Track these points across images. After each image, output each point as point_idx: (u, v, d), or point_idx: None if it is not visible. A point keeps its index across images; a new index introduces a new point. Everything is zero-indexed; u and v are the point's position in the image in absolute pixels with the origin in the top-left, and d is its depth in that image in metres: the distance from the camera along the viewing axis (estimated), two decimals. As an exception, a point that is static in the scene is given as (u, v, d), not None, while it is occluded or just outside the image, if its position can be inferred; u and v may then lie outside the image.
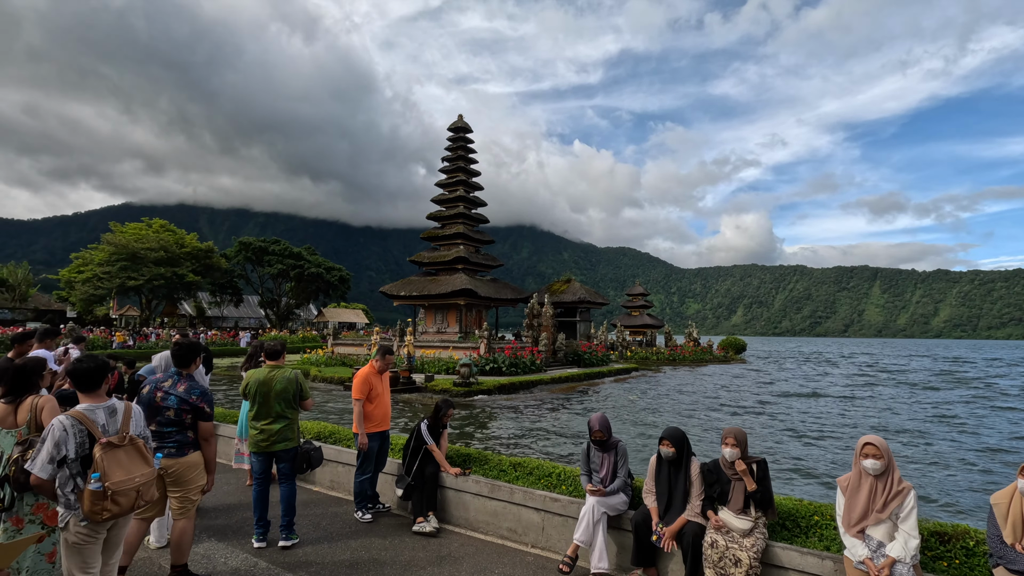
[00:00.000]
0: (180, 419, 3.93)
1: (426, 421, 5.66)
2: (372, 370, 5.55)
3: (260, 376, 4.96)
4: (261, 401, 4.89)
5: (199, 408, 3.99)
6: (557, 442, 12.16)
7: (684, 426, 13.44)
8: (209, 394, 4.17)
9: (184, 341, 4.35)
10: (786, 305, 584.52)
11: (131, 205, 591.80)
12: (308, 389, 5.15)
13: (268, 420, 4.88)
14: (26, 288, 68.37)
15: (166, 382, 4.05)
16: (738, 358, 47.40)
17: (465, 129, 33.06)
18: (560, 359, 28.19)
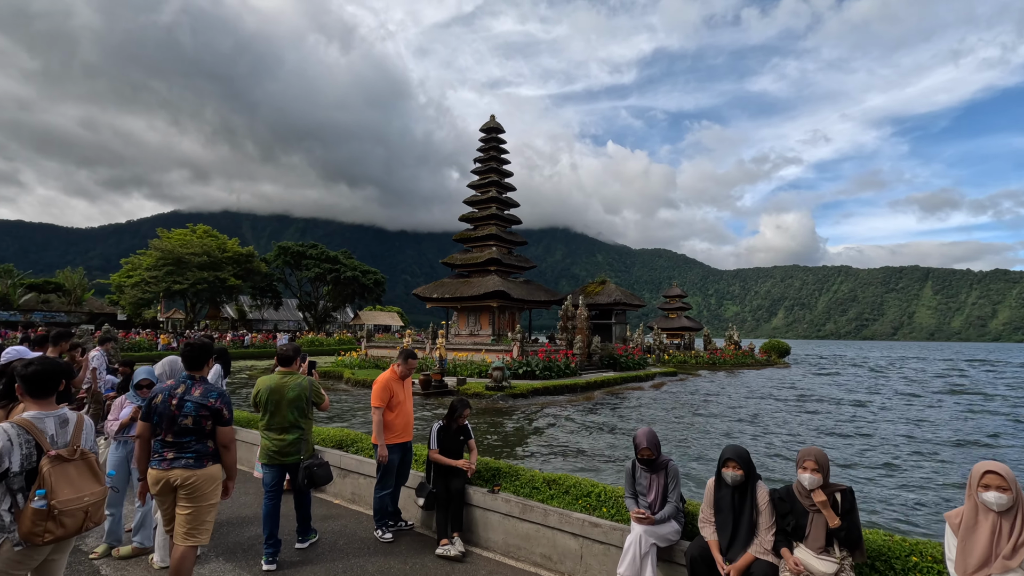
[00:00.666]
0: (199, 426, 3.61)
1: (439, 423, 5.18)
2: (393, 375, 5.09)
3: (271, 383, 4.65)
4: (273, 410, 4.61)
5: (218, 412, 3.67)
6: (594, 452, 11.47)
7: (738, 440, 12.59)
8: (227, 396, 3.86)
9: (195, 341, 3.96)
10: (830, 307, 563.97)
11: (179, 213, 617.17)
12: (322, 393, 4.92)
13: (281, 430, 4.60)
14: (81, 292, 71.62)
15: (179, 388, 3.71)
16: (781, 362, 45.48)
17: (497, 129, 32.70)
18: (595, 362, 27.42)
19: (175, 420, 3.59)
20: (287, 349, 4.97)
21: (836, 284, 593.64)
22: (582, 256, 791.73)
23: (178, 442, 3.60)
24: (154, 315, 66.63)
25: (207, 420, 3.64)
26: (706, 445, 12.53)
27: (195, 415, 3.60)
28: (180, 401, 3.62)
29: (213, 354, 4.02)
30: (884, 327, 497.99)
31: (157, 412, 3.62)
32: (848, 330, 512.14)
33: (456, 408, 5.17)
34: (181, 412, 3.60)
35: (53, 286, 71.38)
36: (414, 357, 5.16)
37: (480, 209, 31.88)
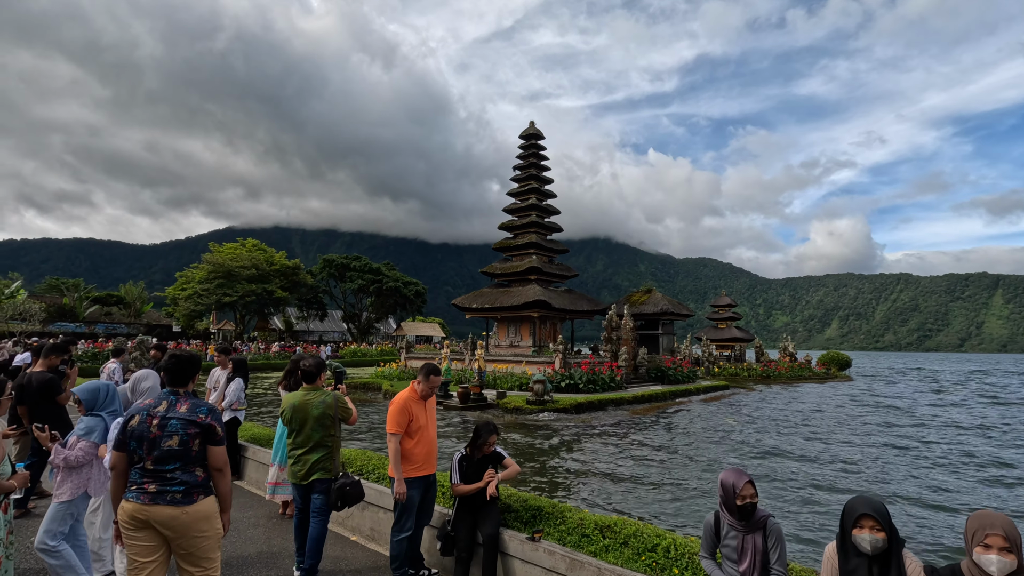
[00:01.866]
0: (186, 448, 3.06)
1: (461, 451, 4.40)
2: (412, 395, 4.32)
3: (295, 401, 4.46)
4: (297, 428, 4.41)
5: (210, 429, 3.13)
6: (650, 481, 10.20)
7: (832, 479, 10.97)
8: (219, 413, 3.36)
9: (181, 353, 3.40)
10: (889, 317, 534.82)
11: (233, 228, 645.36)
12: (349, 407, 4.63)
13: (305, 449, 4.38)
14: (140, 305, 75.09)
15: (160, 406, 3.15)
16: (842, 375, 42.60)
17: (537, 136, 32.04)
18: (642, 375, 26.10)
19: (156, 443, 3.02)
20: (310, 365, 4.60)
21: (895, 292, 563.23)
22: (624, 266, 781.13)
23: (160, 471, 3.02)
24: (206, 326, 68.93)
25: (195, 440, 3.08)
26: (794, 484, 10.26)
27: (181, 434, 3.05)
28: (163, 420, 3.07)
29: (199, 369, 3.49)
30: (950, 338, 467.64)
31: (134, 436, 3.05)
32: (909, 341, 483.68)
33: (480, 433, 4.34)
34: (164, 432, 3.04)
35: (115, 299, 75.13)
36: (437, 373, 4.37)
37: (520, 217, 31.18)
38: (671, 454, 12.54)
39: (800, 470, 11.27)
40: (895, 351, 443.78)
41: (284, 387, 5.98)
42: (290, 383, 5.95)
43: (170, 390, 3.24)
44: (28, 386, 5.50)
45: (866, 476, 10.93)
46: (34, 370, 5.70)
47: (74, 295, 69.25)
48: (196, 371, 3.38)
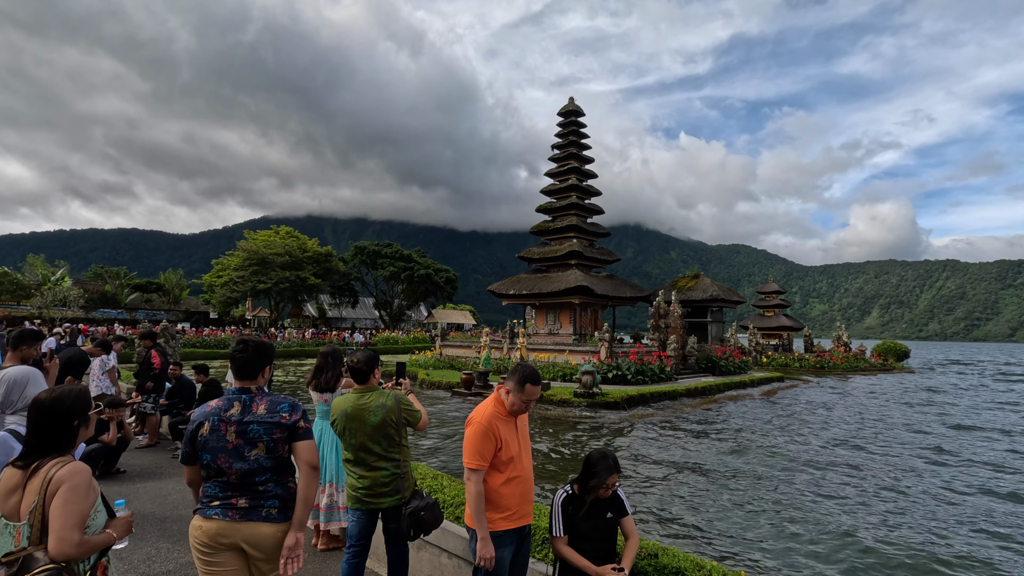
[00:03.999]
0: (275, 456, 2.60)
1: (565, 489, 3.02)
2: (499, 411, 3.00)
3: (347, 407, 3.42)
4: (354, 441, 3.40)
5: (295, 427, 2.63)
6: (766, 504, 8.39)
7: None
8: (300, 405, 2.76)
9: (249, 340, 2.77)
10: (933, 305, 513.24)
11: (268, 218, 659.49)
12: (415, 408, 3.59)
13: (365, 466, 3.39)
14: (179, 292, 76.59)
15: (231, 408, 2.62)
16: (900, 366, 39.93)
17: (576, 112, 30.36)
18: (691, 366, 24.47)
19: (239, 453, 2.54)
20: (359, 361, 3.51)
21: (940, 280, 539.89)
22: (655, 253, 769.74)
23: (247, 484, 2.55)
24: (242, 313, 69.76)
25: (283, 444, 2.60)
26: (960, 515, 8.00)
27: (267, 440, 2.56)
28: (240, 425, 2.57)
29: (271, 359, 2.86)
30: (1000, 327, 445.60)
31: (208, 448, 2.56)
32: (956, 330, 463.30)
33: (596, 470, 2.90)
34: (246, 439, 2.55)
35: (155, 286, 76.80)
36: (535, 381, 2.99)
37: (559, 199, 29.67)
38: (769, 458, 11.06)
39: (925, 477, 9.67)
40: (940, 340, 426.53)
41: (314, 386, 4.78)
42: (320, 382, 4.76)
43: (240, 387, 2.68)
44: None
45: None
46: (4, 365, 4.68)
47: (116, 282, 70.94)
48: (267, 362, 2.79)
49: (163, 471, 7.05)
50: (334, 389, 4.79)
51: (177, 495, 6.04)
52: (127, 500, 5.99)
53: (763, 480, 9.46)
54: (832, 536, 6.95)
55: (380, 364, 3.60)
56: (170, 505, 5.72)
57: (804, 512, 7.81)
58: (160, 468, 7.19)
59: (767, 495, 8.58)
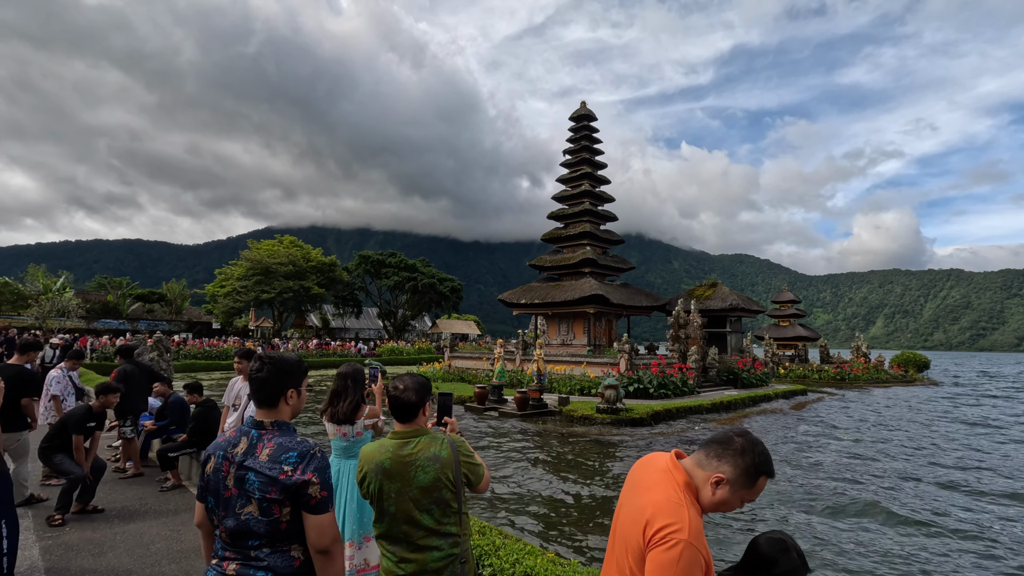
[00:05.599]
0: (270, 517, 1.92)
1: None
2: (697, 514, 1.72)
3: (383, 460, 2.35)
4: (393, 509, 2.32)
5: (299, 489, 1.94)
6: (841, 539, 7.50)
7: None
8: (321, 457, 2.03)
9: (275, 356, 2.15)
10: (938, 315, 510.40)
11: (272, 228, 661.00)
12: (478, 463, 2.47)
13: (409, 545, 2.30)
14: (181, 302, 75.75)
15: (238, 445, 2.04)
16: (922, 378, 38.68)
17: (589, 117, 29.54)
18: (712, 378, 23.37)
19: (231, 505, 1.97)
20: (406, 389, 2.40)
21: (945, 289, 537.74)
22: (657, 263, 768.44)
23: (237, 545, 1.97)
24: (245, 323, 68.86)
25: (280, 507, 1.93)
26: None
27: (259, 497, 1.93)
28: (240, 470, 1.98)
29: (298, 381, 2.17)
30: (1006, 337, 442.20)
31: (210, 489, 2.05)
32: (961, 340, 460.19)
33: (777, 567, 1.80)
34: (242, 490, 1.96)
35: (157, 297, 75.92)
36: (772, 470, 1.82)
37: (571, 205, 28.76)
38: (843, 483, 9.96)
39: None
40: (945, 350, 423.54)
41: (330, 416, 3.79)
42: (338, 411, 3.76)
43: (254, 419, 2.11)
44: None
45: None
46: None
47: (118, 293, 70.19)
48: (290, 384, 2.14)
49: (148, 509, 6.02)
50: (353, 421, 3.80)
51: (161, 543, 5.01)
52: (100, 549, 4.99)
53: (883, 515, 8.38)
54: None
55: (432, 395, 2.57)
56: (152, 559, 4.68)
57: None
58: (145, 505, 6.16)
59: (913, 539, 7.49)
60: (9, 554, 3.63)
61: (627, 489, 1.97)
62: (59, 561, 4.58)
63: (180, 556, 4.72)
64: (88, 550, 4.83)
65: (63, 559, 4.62)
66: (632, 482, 1.96)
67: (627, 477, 2.04)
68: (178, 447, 6.86)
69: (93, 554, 4.74)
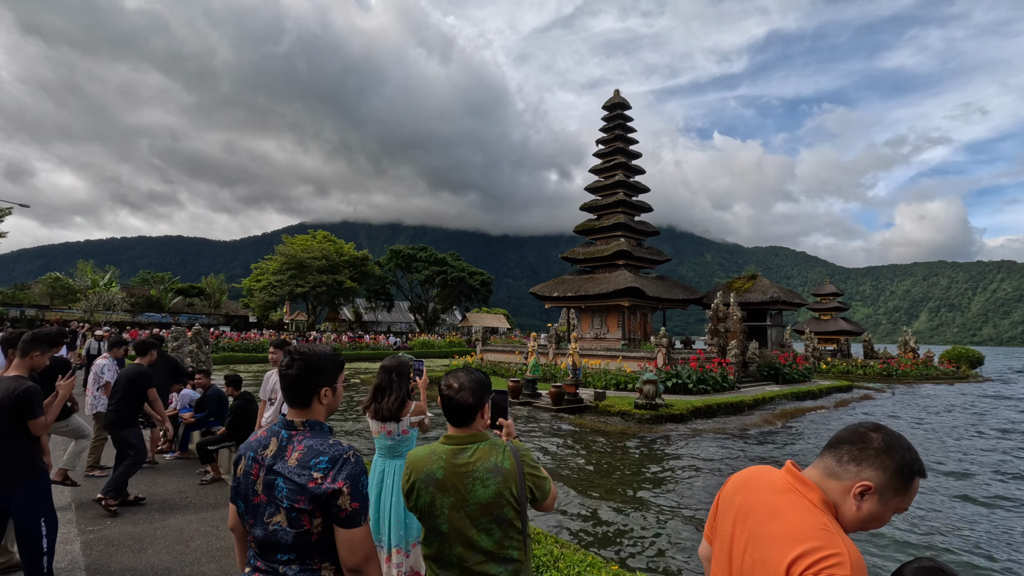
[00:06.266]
0: (299, 529, 1.74)
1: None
2: (839, 530, 1.39)
3: (434, 469, 2.02)
4: (446, 528, 1.97)
5: (329, 499, 1.74)
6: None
7: None
8: (357, 462, 1.81)
9: (300, 351, 1.91)
10: (987, 308, 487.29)
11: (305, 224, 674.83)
12: (544, 475, 2.11)
13: (461, 571, 1.96)
14: (220, 296, 77.90)
15: (268, 446, 1.85)
16: (975, 374, 36.79)
17: (623, 105, 28.86)
18: (752, 373, 22.59)
19: (259, 513, 1.80)
20: (462, 387, 2.06)
21: (995, 282, 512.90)
22: (689, 256, 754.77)
23: (267, 558, 1.79)
24: (280, 317, 70.37)
25: (310, 518, 1.74)
26: None
27: (288, 506, 1.74)
28: (269, 474, 1.80)
29: (333, 377, 1.94)
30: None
31: (240, 492, 1.87)
32: (1012, 335, 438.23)
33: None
34: (271, 497, 1.78)
35: (197, 291, 78.30)
36: (924, 471, 1.43)
37: (604, 196, 28.19)
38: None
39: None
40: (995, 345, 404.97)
41: (373, 413, 3.54)
42: (382, 407, 3.51)
43: (284, 419, 1.90)
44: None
45: None
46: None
47: (160, 287, 72.63)
48: (322, 382, 1.90)
49: (187, 503, 5.94)
50: (399, 418, 3.54)
51: (201, 540, 4.88)
52: (140, 545, 4.90)
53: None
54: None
55: (490, 394, 2.25)
56: (191, 556, 4.55)
57: None
58: (184, 499, 6.09)
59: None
60: (48, 553, 3.52)
61: (736, 518, 1.60)
62: (99, 558, 4.48)
63: (219, 555, 4.58)
64: (128, 546, 4.73)
65: (103, 555, 4.53)
66: (744, 508, 1.59)
67: (724, 500, 1.68)
68: (217, 440, 6.78)
69: (133, 550, 4.64)
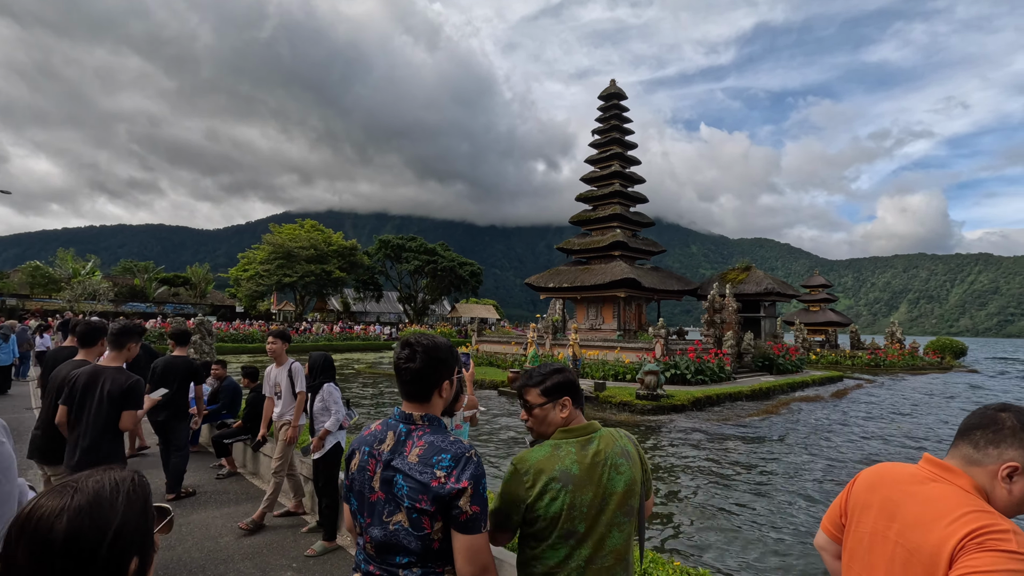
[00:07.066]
0: (421, 531, 1.64)
1: None
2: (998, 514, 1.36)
3: (566, 465, 1.80)
4: (582, 525, 1.77)
5: (451, 499, 1.63)
6: None
7: None
8: (477, 463, 1.70)
9: (421, 340, 1.81)
10: (965, 300, 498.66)
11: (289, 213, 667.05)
12: (649, 471, 2.01)
13: (600, 566, 1.79)
14: (205, 286, 76.72)
15: (384, 440, 1.75)
16: (958, 364, 37.59)
17: (619, 95, 28.74)
18: (747, 364, 22.82)
19: (376, 511, 1.70)
20: (560, 376, 1.94)
21: (972, 274, 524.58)
22: (675, 247, 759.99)
23: (385, 561, 1.70)
24: (267, 307, 69.56)
25: (431, 519, 1.65)
26: None
27: (409, 505, 1.64)
28: (387, 471, 1.70)
29: (452, 369, 1.84)
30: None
31: (354, 488, 1.79)
32: (988, 326, 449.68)
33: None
34: (390, 495, 1.68)
35: (182, 280, 77.02)
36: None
37: (600, 187, 28.12)
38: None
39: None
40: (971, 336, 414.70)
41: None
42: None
43: (402, 412, 1.79)
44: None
45: None
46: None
47: (144, 277, 71.28)
48: (446, 375, 1.81)
49: (207, 499, 5.79)
50: (453, 412, 3.45)
51: (229, 537, 4.76)
52: (169, 542, 4.76)
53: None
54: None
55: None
56: (223, 554, 4.43)
57: None
58: (204, 493, 5.94)
59: None
60: None
61: (879, 513, 1.54)
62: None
63: (252, 552, 4.46)
64: (156, 543, 4.60)
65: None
66: (888, 502, 1.53)
67: (857, 499, 1.62)
68: (232, 433, 6.64)
69: (163, 547, 4.51)
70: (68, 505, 0.91)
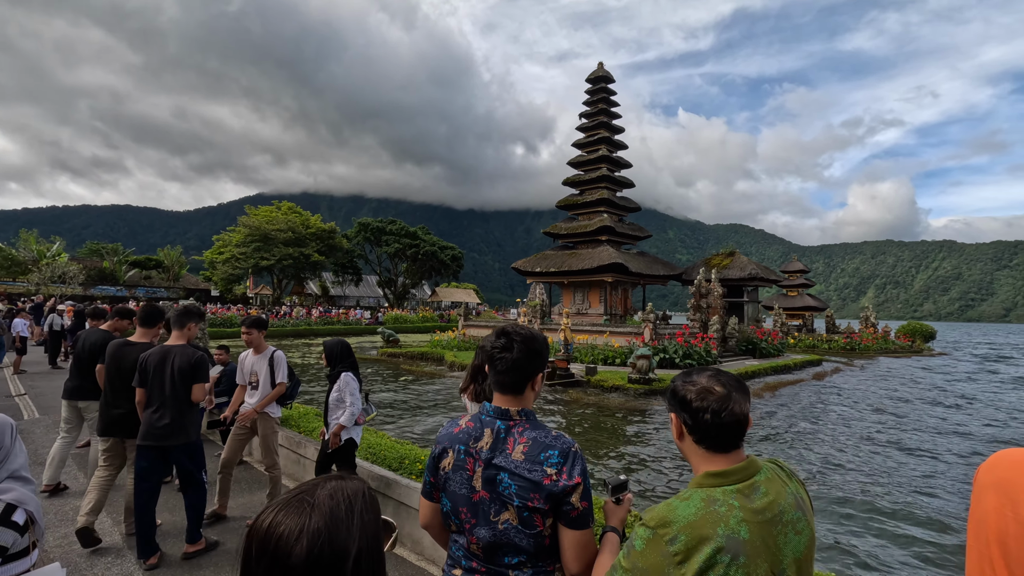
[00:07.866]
0: (533, 529, 1.59)
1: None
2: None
3: (732, 527, 1.27)
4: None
5: (563, 496, 1.58)
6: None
7: None
8: (582, 456, 1.65)
9: (517, 330, 1.75)
10: (929, 286, 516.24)
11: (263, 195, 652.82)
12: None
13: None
14: (178, 269, 74.70)
15: (481, 438, 1.68)
16: (928, 348, 38.90)
17: (606, 79, 28.53)
18: (731, 348, 23.19)
19: (482, 511, 1.64)
20: (719, 400, 1.41)
21: (937, 260, 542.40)
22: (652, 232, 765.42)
23: (493, 561, 1.65)
24: (244, 291, 68.15)
25: (543, 517, 1.59)
26: None
27: (521, 505, 1.59)
28: (489, 469, 1.64)
29: (547, 356, 1.78)
30: (994, 308, 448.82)
31: (448, 490, 1.71)
32: (950, 311, 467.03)
33: None
34: (495, 494, 1.63)
35: (154, 263, 74.83)
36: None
37: (587, 171, 28.03)
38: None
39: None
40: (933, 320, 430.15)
41: (473, 395, 3.34)
42: (485, 388, 3.32)
43: (496, 407, 1.71)
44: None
45: None
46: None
47: (113, 259, 68.99)
48: (540, 366, 1.72)
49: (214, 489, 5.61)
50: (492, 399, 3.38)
51: (234, 526, 4.61)
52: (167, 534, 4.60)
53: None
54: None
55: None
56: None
57: None
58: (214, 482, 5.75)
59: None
60: (206, 482, 4.19)
61: (1004, 499, 1.50)
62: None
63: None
64: (177, 536, 4.44)
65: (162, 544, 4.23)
66: (1012, 486, 1.49)
67: (984, 488, 1.56)
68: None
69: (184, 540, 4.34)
70: (307, 527, 0.88)
